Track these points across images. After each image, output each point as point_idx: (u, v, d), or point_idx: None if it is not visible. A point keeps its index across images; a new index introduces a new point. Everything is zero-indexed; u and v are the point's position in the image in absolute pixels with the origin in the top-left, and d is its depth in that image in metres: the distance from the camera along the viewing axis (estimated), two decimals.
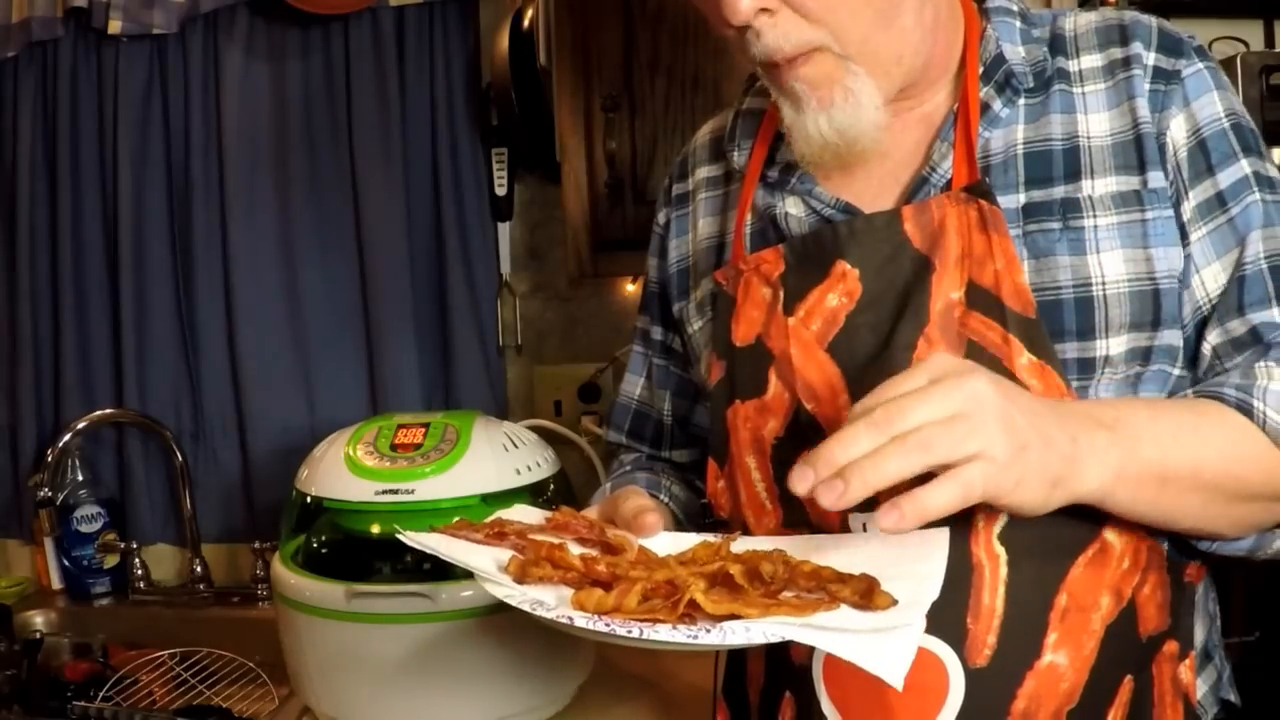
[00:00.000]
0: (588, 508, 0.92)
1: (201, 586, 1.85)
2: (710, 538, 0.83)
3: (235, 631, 1.69)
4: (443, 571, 1.27)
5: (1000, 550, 0.82)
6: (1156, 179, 0.86)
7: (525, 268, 1.88)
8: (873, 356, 0.87)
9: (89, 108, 1.86)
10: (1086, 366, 0.85)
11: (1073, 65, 0.90)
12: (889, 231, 0.88)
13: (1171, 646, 0.86)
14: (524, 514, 0.88)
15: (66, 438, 1.80)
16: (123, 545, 1.88)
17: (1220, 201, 0.87)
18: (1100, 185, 0.87)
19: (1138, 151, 0.87)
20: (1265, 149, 0.90)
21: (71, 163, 1.88)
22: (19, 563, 1.98)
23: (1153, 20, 0.92)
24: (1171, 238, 0.85)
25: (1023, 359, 0.83)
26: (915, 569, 0.73)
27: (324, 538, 1.34)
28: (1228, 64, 1.54)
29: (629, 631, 0.67)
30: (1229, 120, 0.88)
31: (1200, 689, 0.90)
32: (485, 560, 0.79)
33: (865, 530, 0.82)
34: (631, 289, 1.84)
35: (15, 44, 1.84)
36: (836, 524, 0.85)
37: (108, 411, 1.86)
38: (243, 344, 1.85)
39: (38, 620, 1.82)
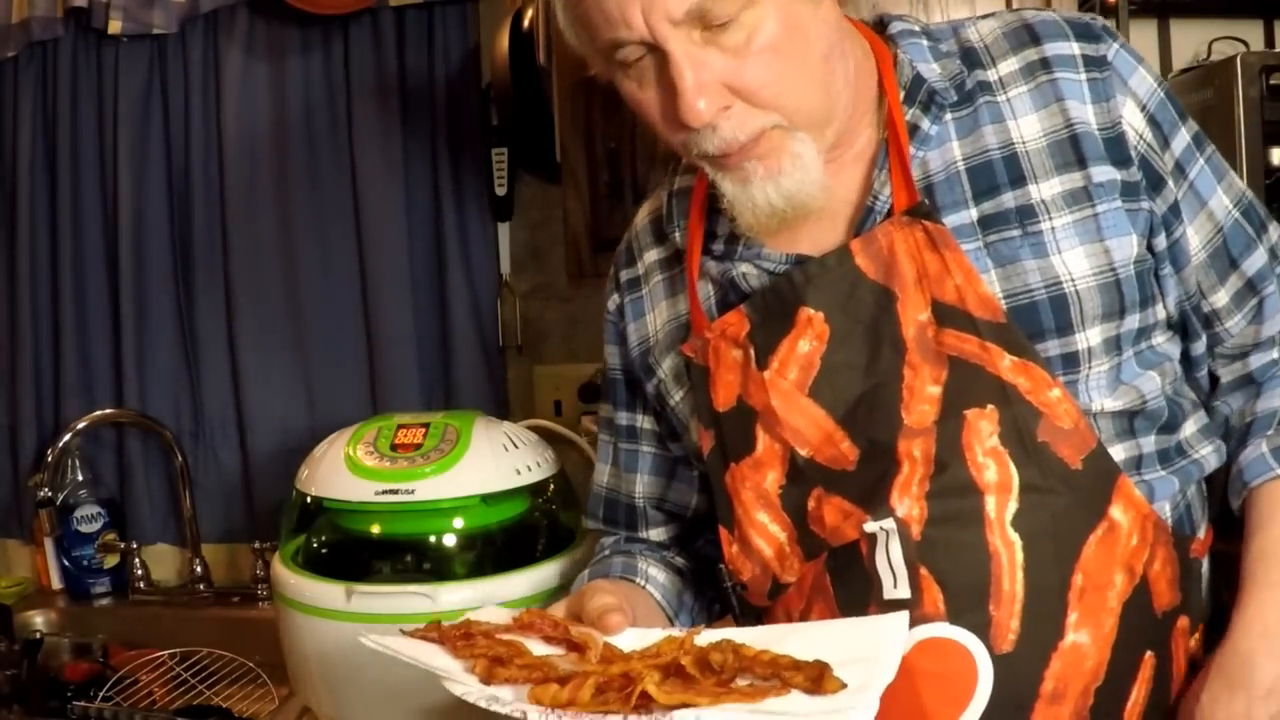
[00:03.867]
0: (554, 604, 0.93)
1: (201, 586, 1.85)
2: (675, 632, 0.84)
3: (235, 631, 1.69)
4: (442, 571, 1.28)
5: (1015, 537, 0.84)
6: (1101, 173, 0.87)
7: (525, 268, 1.88)
8: (861, 393, 0.89)
9: (89, 108, 1.86)
10: (1071, 361, 0.87)
11: (991, 74, 0.91)
12: (842, 269, 0.90)
13: (1183, 622, 0.89)
14: (492, 615, 0.89)
15: (66, 438, 1.80)
16: (123, 545, 1.88)
17: (1180, 169, 0.90)
18: (1047, 188, 0.88)
19: (1075, 149, 0.88)
20: (1184, 108, 0.94)
21: (71, 163, 1.88)
22: (19, 563, 1.98)
23: (1055, 14, 0.93)
24: (1123, 227, 0.87)
25: (1005, 361, 0.86)
26: (871, 654, 0.76)
27: (324, 538, 1.34)
28: (1227, 64, 1.54)
29: None
30: (1162, 90, 0.91)
31: None
32: (448, 662, 0.82)
33: (882, 530, 0.85)
34: None
35: (15, 44, 1.84)
36: (856, 535, 0.87)
37: (108, 411, 1.86)
38: (243, 344, 1.85)
39: (38, 620, 1.82)
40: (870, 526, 0.86)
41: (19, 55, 1.86)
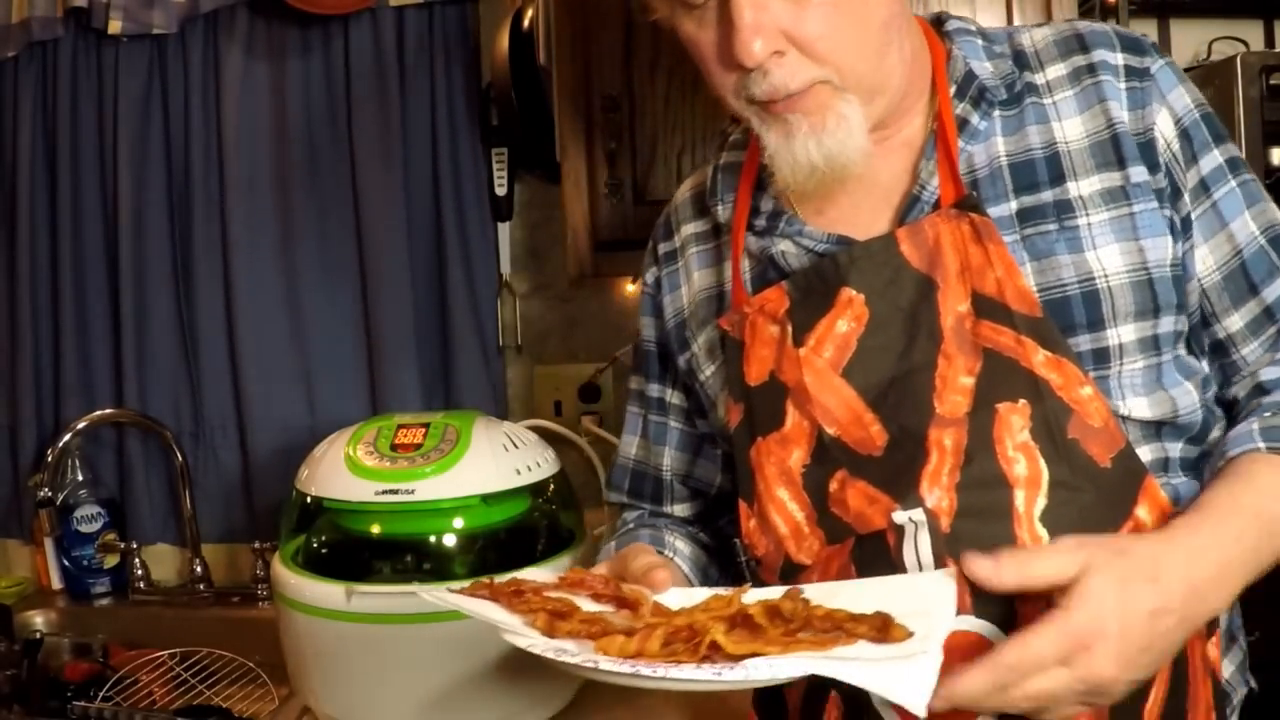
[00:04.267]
0: (595, 566, 0.94)
1: (201, 586, 1.85)
2: (721, 591, 0.84)
3: (235, 631, 1.69)
4: (442, 572, 1.28)
5: (1042, 532, 0.85)
6: (1138, 174, 0.90)
7: (525, 268, 1.88)
8: (893, 377, 0.90)
9: (89, 108, 1.86)
10: (1101, 356, 0.89)
11: (1039, 78, 0.94)
12: (886, 255, 0.91)
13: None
14: (537, 574, 0.89)
15: (66, 438, 1.80)
16: (123, 545, 1.88)
17: (1204, 188, 0.91)
18: (1085, 185, 0.90)
19: (1115, 149, 0.90)
20: (1227, 134, 0.95)
21: (71, 163, 1.88)
22: (19, 563, 1.98)
23: (1107, 26, 0.96)
24: (1159, 228, 0.89)
25: (1038, 356, 0.87)
26: (924, 608, 0.76)
27: (324, 538, 1.34)
28: (1227, 64, 1.54)
29: (654, 672, 0.69)
30: (1199, 111, 0.92)
31: (1227, 669, 0.93)
32: (506, 616, 0.82)
33: (911, 522, 0.86)
34: (631, 289, 1.84)
35: (15, 44, 1.84)
36: (884, 524, 0.87)
37: (108, 411, 1.86)
38: (243, 344, 1.85)
39: (38, 620, 1.81)
40: (899, 517, 0.86)
41: (19, 55, 1.86)
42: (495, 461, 1.30)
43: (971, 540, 0.84)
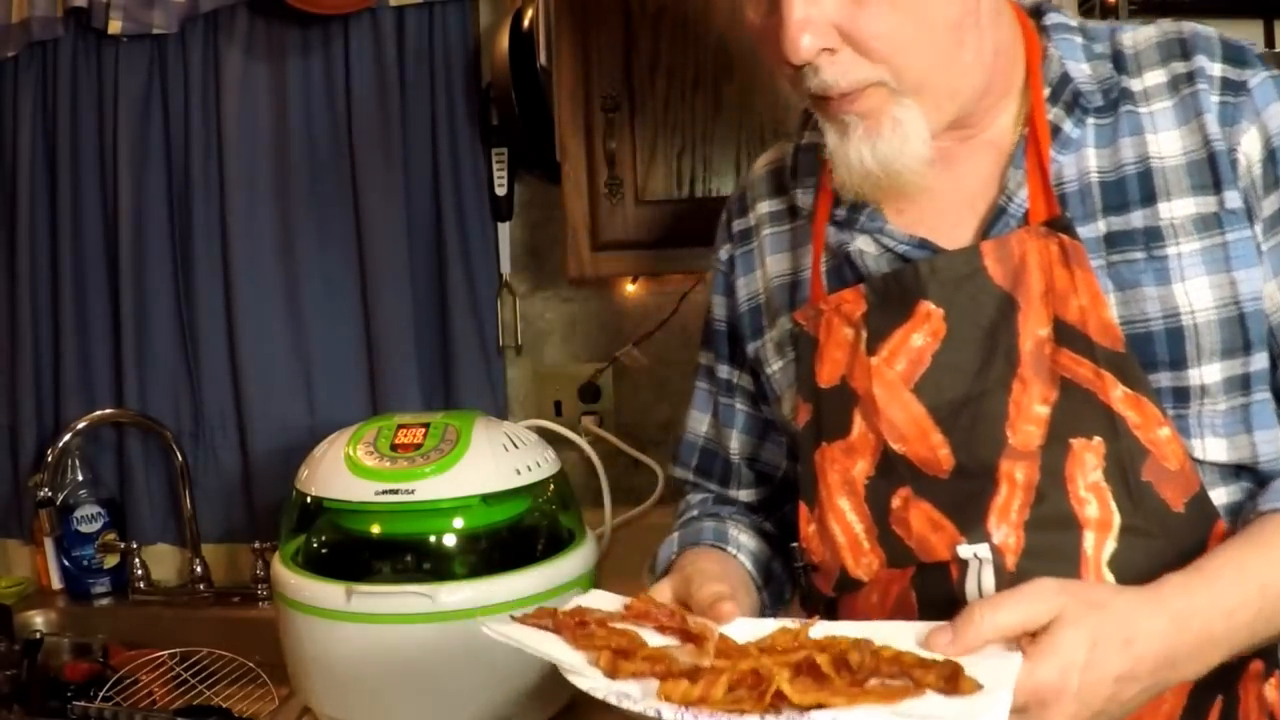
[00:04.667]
0: (660, 580, 0.92)
1: (201, 586, 1.85)
2: (789, 623, 0.82)
3: (235, 631, 1.69)
4: (442, 571, 1.28)
5: (1109, 576, 0.82)
6: (1233, 198, 0.84)
7: (525, 268, 1.88)
8: (964, 398, 0.87)
9: (89, 108, 1.86)
10: (1181, 396, 0.85)
11: (1136, 84, 0.88)
12: (969, 269, 0.87)
13: (1257, 665, 0.87)
14: (602, 600, 0.88)
15: (66, 438, 1.80)
16: (123, 545, 1.88)
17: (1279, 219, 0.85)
18: (1179, 208, 0.85)
19: (1212, 170, 0.85)
20: None
21: (71, 163, 1.88)
22: (19, 563, 1.98)
23: (1213, 32, 0.89)
24: (1252, 258, 0.84)
25: (1117, 392, 0.83)
26: (994, 651, 0.74)
27: (324, 538, 1.34)
28: None
29: None
30: None
31: None
32: (568, 653, 0.81)
33: (976, 558, 0.84)
34: (631, 289, 1.84)
35: (15, 44, 1.84)
36: (947, 555, 0.85)
37: (108, 411, 1.86)
38: (243, 344, 1.85)
39: (38, 620, 1.81)
40: (965, 551, 0.84)
41: (19, 55, 1.86)
42: (495, 461, 1.30)
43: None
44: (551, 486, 1.39)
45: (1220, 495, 0.85)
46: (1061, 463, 0.84)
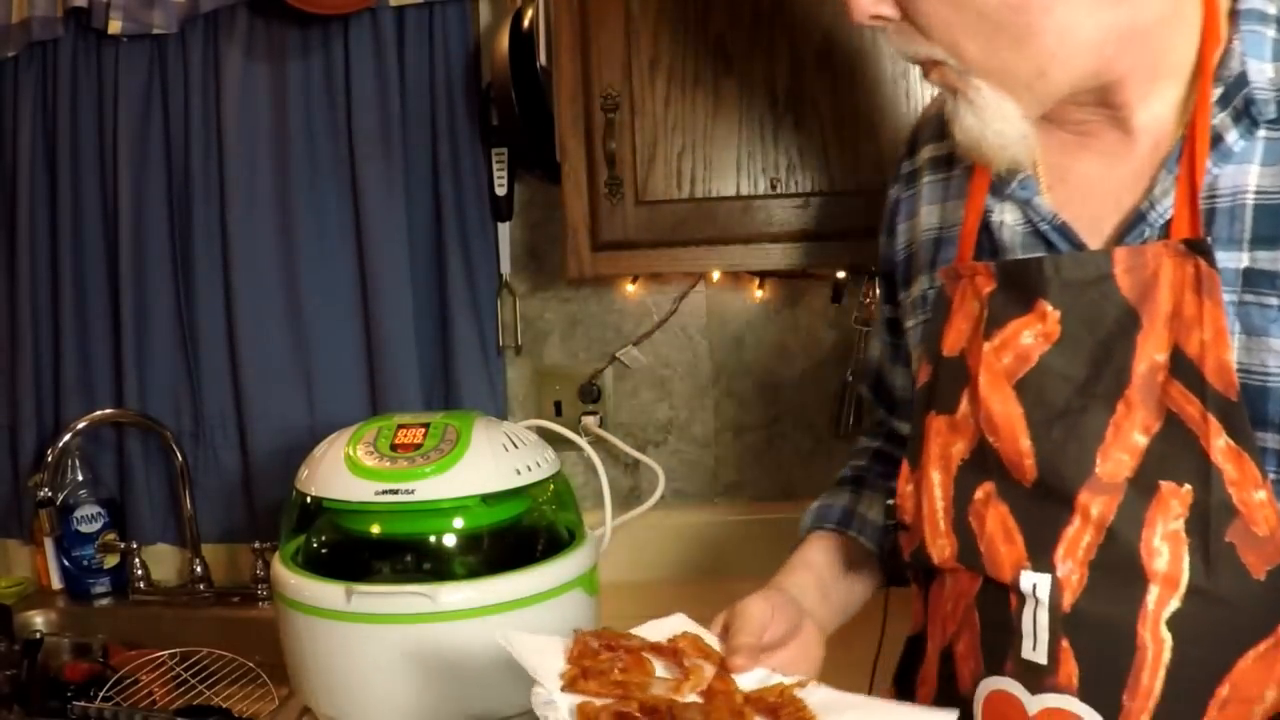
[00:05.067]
0: (757, 595, 0.96)
1: (201, 586, 1.85)
2: (786, 681, 0.87)
3: (235, 631, 1.69)
4: (442, 572, 1.28)
5: (1166, 635, 0.78)
6: None
7: (525, 268, 1.88)
8: (1064, 409, 0.83)
9: (89, 108, 1.86)
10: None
11: None
12: (1098, 274, 0.82)
13: None
14: (662, 629, 0.93)
15: (66, 438, 1.80)
16: (123, 545, 1.88)
17: None
18: None
19: None
20: None
21: (71, 163, 1.87)
22: (19, 563, 1.98)
23: None
24: None
25: (1220, 441, 0.77)
26: None
27: (324, 538, 1.34)
28: None
29: None
30: None
31: None
32: (554, 663, 0.88)
33: (1034, 597, 0.82)
34: (631, 289, 1.84)
35: (15, 44, 1.84)
36: (1010, 576, 0.85)
37: (108, 411, 1.86)
38: (243, 344, 1.85)
39: (38, 620, 1.81)
40: (1026, 581, 0.82)
41: (19, 55, 1.86)
42: (495, 461, 1.30)
43: (1091, 626, 0.79)
44: (551, 486, 1.39)
45: None
46: (1145, 504, 0.79)
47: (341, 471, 1.29)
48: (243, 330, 1.85)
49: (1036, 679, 0.83)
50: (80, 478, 1.88)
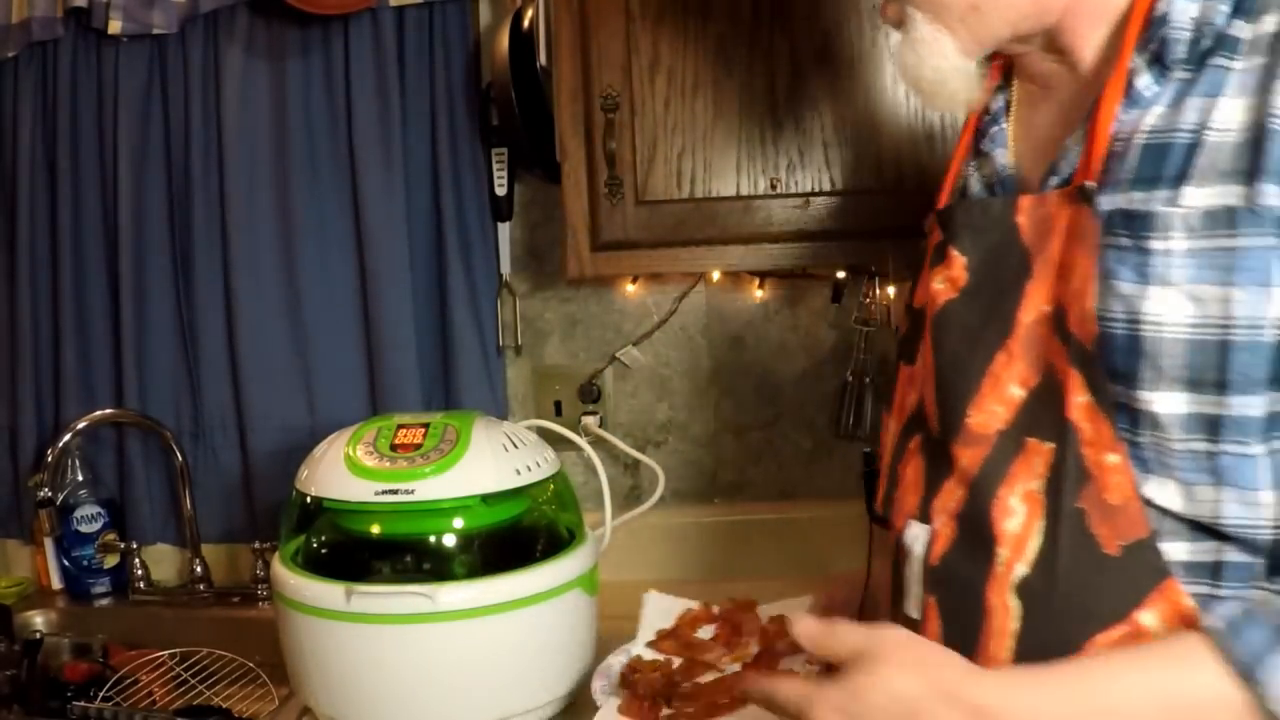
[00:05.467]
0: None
1: (201, 586, 1.85)
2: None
3: (235, 631, 1.69)
4: (442, 572, 1.28)
5: (1014, 603, 0.75)
6: (1271, 193, 0.67)
7: (525, 268, 1.88)
8: (953, 357, 0.82)
9: (89, 108, 1.86)
10: (1134, 419, 0.72)
11: (1248, 30, 0.72)
12: (1002, 222, 0.80)
13: None
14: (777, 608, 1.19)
15: (66, 438, 1.80)
16: (123, 545, 1.88)
17: None
18: (1198, 196, 0.70)
19: (1252, 154, 0.68)
20: None
21: (71, 163, 1.87)
22: (19, 563, 1.98)
23: None
24: (1262, 274, 0.67)
25: (1080, 398, 0.73)
26: None
27: (324, 538, 1.34)
28: None
29: None
30: None
31: None
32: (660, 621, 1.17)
33: (913, 542, 0.83)
34: (631, 289, 1.84)
35: (15, 44, 1.84)
36: (900, 524, 0.86)
37: (108, 411, 1.86)
38: (243, 344, 1.85)
39: (38, 620, 1.81)
40: (909, 534, 0.81)
41: (19, 55, 1.86)
42: (495, 461, 1.30)
43: (951, 586, 0.77)
44: (551, 486, 1.39)
45: (1180, 551, 0.71)
46: (1010, 459, 0.76)
47: (341, 471, 1.29)
48: (243, 330, 1.85)
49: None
50: (80, 478, 1.88)
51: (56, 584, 1.90)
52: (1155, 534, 0.71)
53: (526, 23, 1.70)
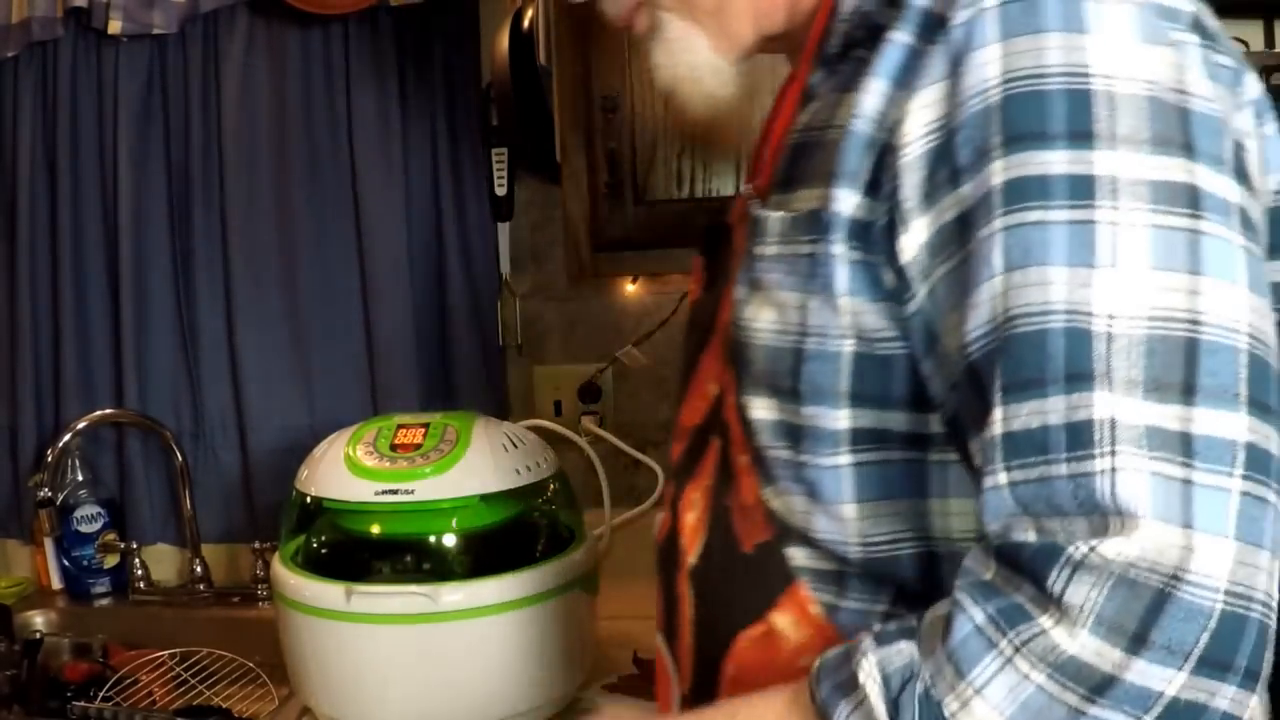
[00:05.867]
0: None
1: (201, 586, 1.85)
2: None
3: (235, 631, 1.69)
4: (442, 571, 1.28)
5: (689, 592, 0.76)
6: (845, 199, 0.62)
7: (525, 268, 1.88)
8: (686, 352, 0.83)
9: (89, 108, 1.86)
10: (746, 425, 0.70)
11: (890, 18, 0.64)
12: (724, 225, 0.81)
13: None
14: None
15: (66, 438, 1.80)
16: (123, 545, 1.88)
17: (961, 229, 0.58)
18: (798, 199, 0.66)
19: (837, 154, 0.63)
20: (1094, 127, 0.56)
21: (71, 163, 1.87)
22: (19, 563, 1.98)
23: None
24: (837, 284, 0.63)
25: (731, 399, 0.72)
26: None
27: (324, 538, 1.34)
28: None
29: None
30: (1006, 89, 0.56)
31: None
32: None
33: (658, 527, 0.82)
34: (631, 289, 1.84)
35: (15, 44, 1.84)
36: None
37: (108, 411, 1.86)
38: (243, 344, 1.85)
39: (38, 620, 1.81)
40: (659, 517, 0.82)
41: (19, 55, 1.86)
42: (495, 462, 1.30)
43: (664, 569, 0.80)
44: (551, 486, 1.39)
45: (802, 556, 0.68)
46: (699, 456, 0.76)
47: (341, 471, 1.29)
48: (243, 330, 1.85)
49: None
50: (80, 478, 1.88)
51: (56, 584, 1.90)
52: (782, 536, 0.69)
53: (526, 23, 1.69)
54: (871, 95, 0.62)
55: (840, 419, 0.64)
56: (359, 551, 1.30)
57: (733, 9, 0.75)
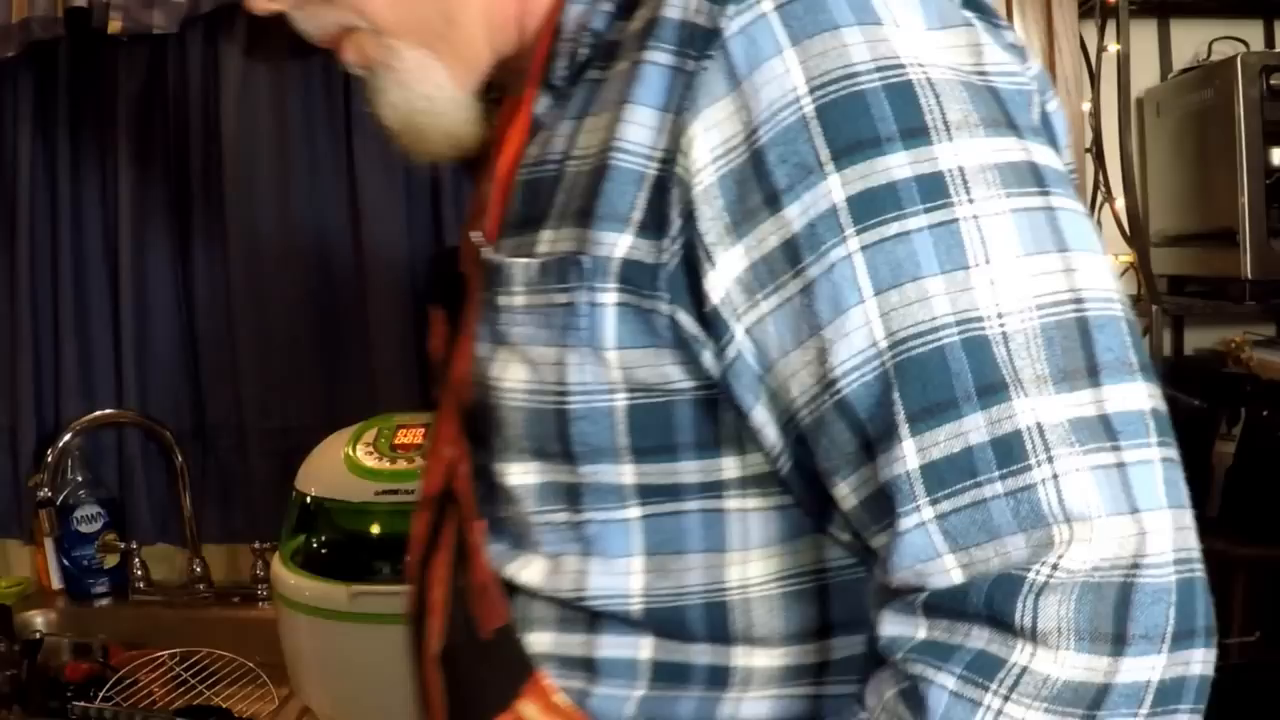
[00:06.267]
0: None
1: (201, 586, 1.85)
2: None
3: (235, 631, 1.69)
4: None
5: (438, 677, 0.69)
6: (611, 242, 0.55)
7: None
8: (432, 412, 0.73)
9: (89, 108, 1.86)
10: (493, 494, 0.63)
11: (629, 31, 0.58)
12: (453, 269, 0.70)
13: None
14: None
15: (66, 438, 1.80)
16: (123, 545, 1.88)
17: (789, 257, 0.52)
18: (546, 241, 0.58)
19: (592, 193, 0.56)
20: (938, 129, 0.51)
21: (71, 163, 1.87)
22: (19, 563, 1.98)
23: None
24: (604, 336, 0.56)
25: (464, 468, 0.65)
26: None
27: (324, 538, 1.34)
28: (1228, 64, 1.54)
29: None
30: (819, 96, 0.51)
31: None
32: None
33: None
34: None
35: (15, 44, 1.84)
36: None
37: (108, 411, 1.86)
38: (243, 344, 1.85)
39: (38, 620, 1.81)
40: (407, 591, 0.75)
41: (19, 55, 1.86)
42: None
43: (412, 651, 0.73)
44: None
45: (546, 643, 0.63)
46: (441, 526, 0.68)
47: (341, 471, 1.29)
48: (243, 330, 1.85)
49: None
50: (80, 478, 1.87)
51: (56, 584, 1.90)
52: (519, 622, 0.63)
53: None
54: (634, 126, 0.55)
55: (625, 474, 0.58)
56: (359, 551, 1.30)
57: (464, 24, 0.65)
